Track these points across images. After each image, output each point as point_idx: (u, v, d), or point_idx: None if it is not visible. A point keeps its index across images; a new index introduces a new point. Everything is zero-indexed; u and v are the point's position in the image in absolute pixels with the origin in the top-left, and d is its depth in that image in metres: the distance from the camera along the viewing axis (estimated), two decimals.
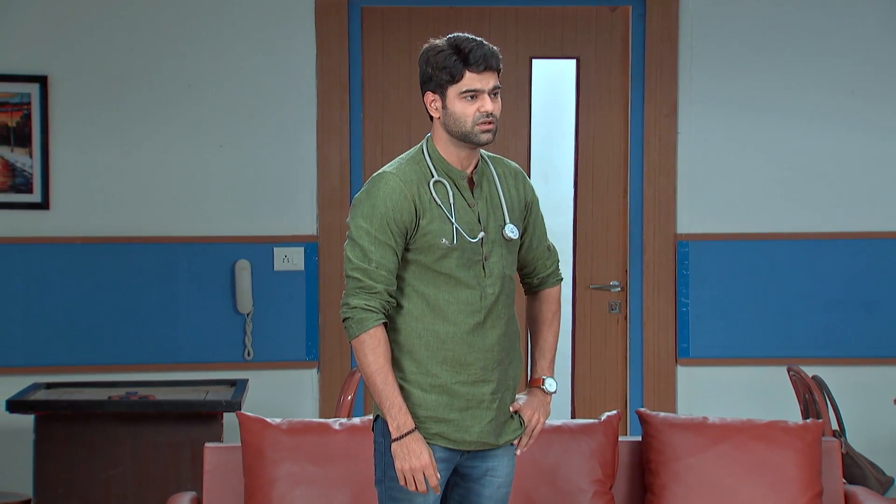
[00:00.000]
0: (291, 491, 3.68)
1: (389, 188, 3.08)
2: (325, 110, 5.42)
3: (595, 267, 5.59)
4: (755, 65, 5.48)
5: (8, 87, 5.29)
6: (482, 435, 3.16)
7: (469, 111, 3.07)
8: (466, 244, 3.10)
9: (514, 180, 3.23)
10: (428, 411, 3.12)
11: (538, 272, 3.33)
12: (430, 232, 3.08)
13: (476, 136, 3.09)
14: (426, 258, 3.10)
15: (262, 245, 5.38)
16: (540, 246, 3.31)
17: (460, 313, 3.11)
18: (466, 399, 3.13)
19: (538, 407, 3.26)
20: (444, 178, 3.12)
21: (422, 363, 3.11)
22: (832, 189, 5.52)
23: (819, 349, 5.51)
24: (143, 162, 5.37)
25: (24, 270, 5.31)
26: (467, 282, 3.11)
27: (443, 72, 3.07)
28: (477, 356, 3.13)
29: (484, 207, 3.15)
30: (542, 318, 3.34)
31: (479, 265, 3.13)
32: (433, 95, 3.11)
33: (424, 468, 3.05)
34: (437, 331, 3.11)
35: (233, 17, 5.38)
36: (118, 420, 4.56)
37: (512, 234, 3.16)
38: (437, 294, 3.11)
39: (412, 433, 3.06)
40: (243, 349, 5.41)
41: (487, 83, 3.08)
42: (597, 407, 5.56)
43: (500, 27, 5.56)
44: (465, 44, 3.07)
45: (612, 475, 3.82)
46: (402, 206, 3.07)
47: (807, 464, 3.79)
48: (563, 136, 5.67)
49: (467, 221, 3.12)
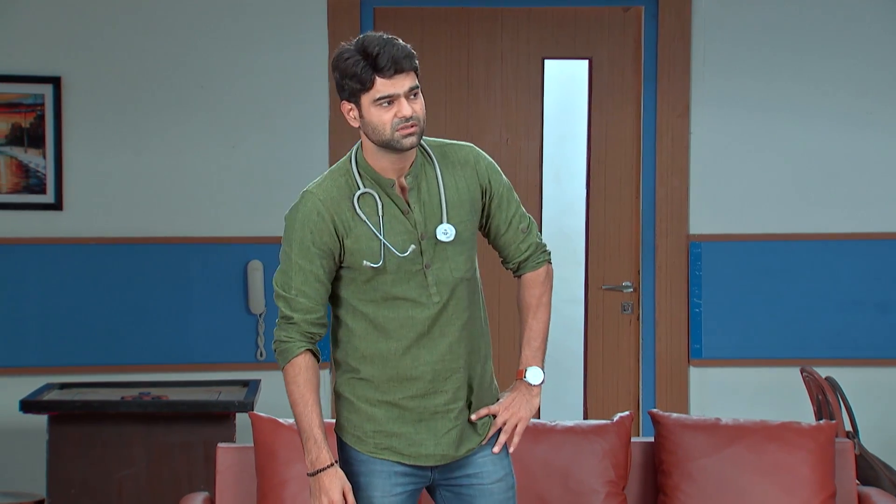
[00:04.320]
0: (304, 491, 3.68)
1: (307, 210, 2.93)
2: (338, 111, 5.41)
3: (607, 267, 5.58)
4: (768, 65, 5.48)
5: (21, 88, 5.30)
6: (439, 447, 3.00)
7: (386, 118, 2.86)
8: (397, 259, 2.93)
9: (461, 170, 3.01)
10: (377, 425, 2.99)
11: (513, 257, 3.11)
12: (355, 251, 2.93)
13: (398, 142, 2.87)
14: (359, 277, 2.94)
15: (274, 245, 5.32)
16: (510, 230, 3.07)
17: (402, 328, 2.95)
18: (418, 412, 2.99)
19: (517, 403, 3.08)
20: (372, 189, 2.94)
21: (368, 380, 2.98)
22: (845, 189, 5.51)
23: (832, 350, 5.50)
24: (156, 163, 5.38)
25: (37, 271, 5.33)
26: (406, 295, 2.94)
27: (353, 80, 2.85)
28: (424, 369, 2.97)
29: (421, 212, 2.95)
30: (526, 304, 3.11)
31: (420, 274, 2.95)
32: (349, 105, 2.91)
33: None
34: (379, 348, 2.96)
35: (245, 18, 5.39)
36: (131, 420, 4.57)
37: (444, 236, 2.95)
38: (376, 311, 2.95)
39: (326, 470, 2.93)
40: (256, 349, 5.42)
41: (402, 86, 2.86)
42: (609, 408, 5.56)
43: (513, 28, 5.56)
44: (372, 47, 2.83)
45: (625, 476, 3.81)
46: (320, 228, 2.92)
47: (820, 465, 3.78)
48: (576, 136, 5.67)
49: (400, 232, 2.94)
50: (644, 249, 5.55)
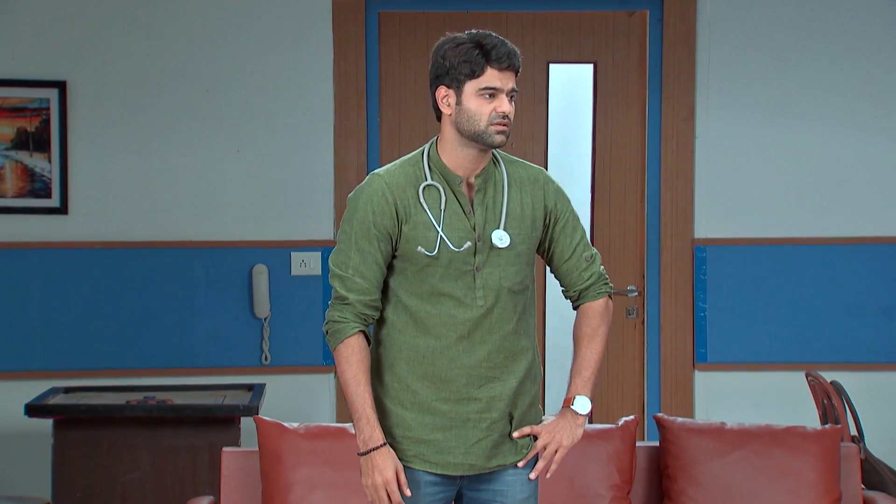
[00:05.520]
0: (309, 495, 3.68)
1: (371, 191, 2.96)
2: (343, 115, 5.43)
3: (612, 271, 5.58)
4: (773, 68, 5.47)
5: (27, 92, 5.31)
6: (468, 457, 2.99)
7: (485, 109, 2.92)
8: (451, 254, 2.94)
9: (530, 186, 3.04)
10: (405, 431, 2.99)
11: (574, 285, 3.11)
12: (411, 238, 2.94)
13: (490, 136, 2.92)
14: (410, 267, 2.96)
15: (279, 250, 5.38)
16: (573, 257, 3.09)
17: (443, 326, 2.96)
18: (449, 418, 2.97)
19: (561, 429, 3.05)
20: (438, 182, 2.97)
21: (402, 379, 2.99)
22: (850, 193, 5.51)
23: (838, 354, 5.49)
24: (161, 167, 5.39)
25: (42, 275, 5.33)
26: (452, 293, 2.95)
27: (463, 65, 2.91)
28: (459, 372, 2.96)
29: (482, 214, 2.98)
30: (581, 333, 3.11)
31: (470, 275, 2.96)
32: (446, 90, 2.95)
33: (387, 484, 2.92)
34: (417, 345, 2.97)
35: (250, 22, 5.40)
36: (136, 424, 4.57)
37: (499, 241, 2.96)
38: (419, 305, 2.96)
39: (379, 449, 2.93)
40: (261, 353, 5.41)
41: (507, 83, 2.93)
42: (614, 412, 5.56)
43: (518, 32, 5.57)
44: (487, 39, 2.93)
45: (630, 480, 3.81)
46: (382, 209, 2.94)
47: (825, 469, 3.77)
48: (581, 140, 5.67)
49: (459, 229, 2.95)
50: (649, 253, 5.55)
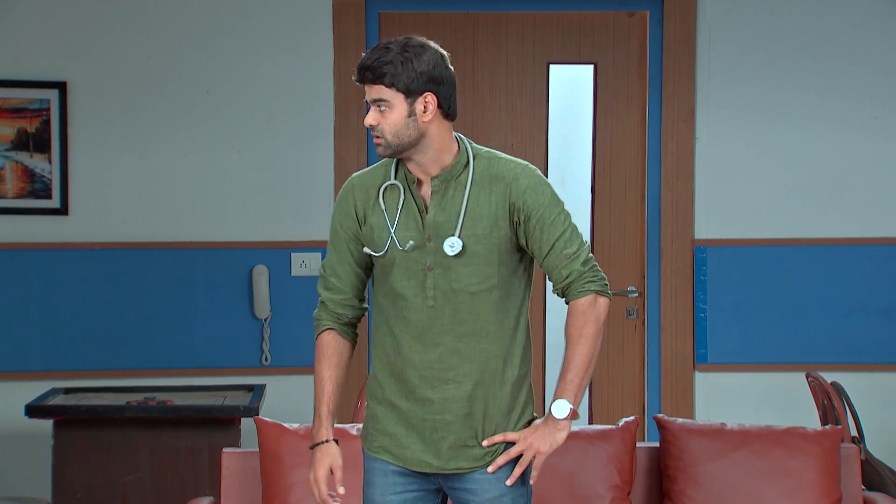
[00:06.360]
0: (309, 496, 3.67)
1: (342, 193, 3.06)
2: (343, 115, 5.43)
3: (612, 272, 5.58)
4: (773, 70, 5.47)
5: (27, 93, 5.31)
6: (425, 455, 2.99)
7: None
8: (400, 253, 2.95)
9: (495, 185, 2.94)
10: (376, 423, 3.04)
11: (556, 282, 3.00)
12: (366, 238, 3.01)
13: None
14: (376, 266, 3.03)
15: (279, 250, 5.39)
16: (552, 254, 2.95)
17: (398, 326, 2.97)
18: (408, 415, 2.99)
19: (539, 435, 2.96)
20: (401, 182, 2.98)
21: (375, 374, 3.06)
22: (850, 194, 5.51)
23: (838, 355, 5.49)
24: (162, 167, 5.39)
25: (42, 276, 5.33)
26: (404, 293, 2.95)
27: None
28: (412, 372, 2.97)
29: (438, 216, 2.94)
30: (567, 335, 2.97)
31: (422, 275, 2.94)
32: None
33: (316, 481, 3.03)
34: (385, 342, 3.02)
35: (250, 22, 5.40)
36: (136, 425, 4.57)
37: (450, 249, 2.92)
38: (385, 304, 3.01)
39: (319, 445, 3.04)
40: (261, 354, 5.42)
41: (371, 94, 2.91)
42: (614, 412, 5.56)
43: (518, 33, 5.57)
44: (365, 53, 2.93)
45: (630, 481, 3.81)
46: (346, 211, 3.03)
47: (825, 470, 3.77)
48: (581, 141, 5.67)
49: (410, 229, 2.95)
50: (649, 254, 5.55)
